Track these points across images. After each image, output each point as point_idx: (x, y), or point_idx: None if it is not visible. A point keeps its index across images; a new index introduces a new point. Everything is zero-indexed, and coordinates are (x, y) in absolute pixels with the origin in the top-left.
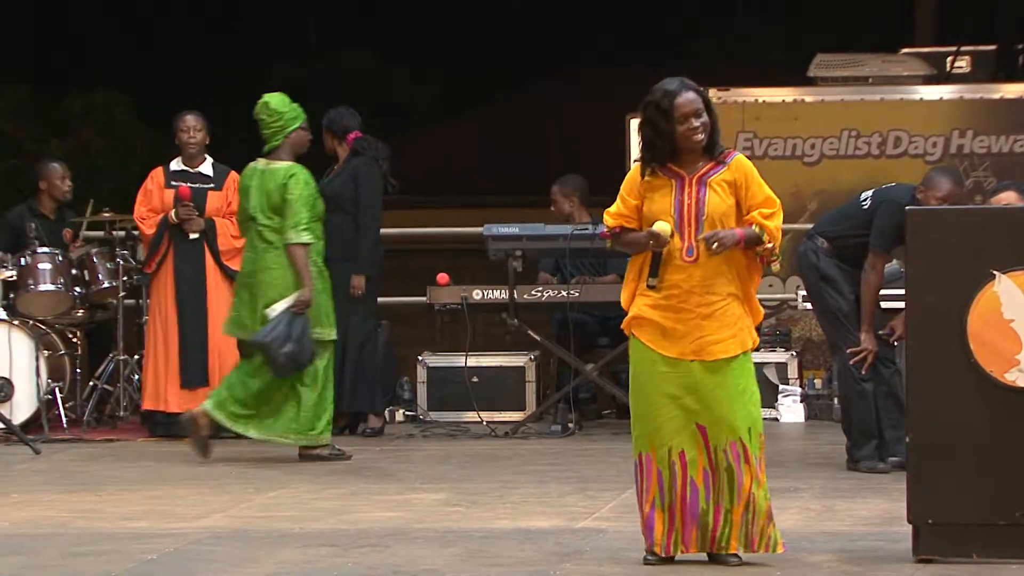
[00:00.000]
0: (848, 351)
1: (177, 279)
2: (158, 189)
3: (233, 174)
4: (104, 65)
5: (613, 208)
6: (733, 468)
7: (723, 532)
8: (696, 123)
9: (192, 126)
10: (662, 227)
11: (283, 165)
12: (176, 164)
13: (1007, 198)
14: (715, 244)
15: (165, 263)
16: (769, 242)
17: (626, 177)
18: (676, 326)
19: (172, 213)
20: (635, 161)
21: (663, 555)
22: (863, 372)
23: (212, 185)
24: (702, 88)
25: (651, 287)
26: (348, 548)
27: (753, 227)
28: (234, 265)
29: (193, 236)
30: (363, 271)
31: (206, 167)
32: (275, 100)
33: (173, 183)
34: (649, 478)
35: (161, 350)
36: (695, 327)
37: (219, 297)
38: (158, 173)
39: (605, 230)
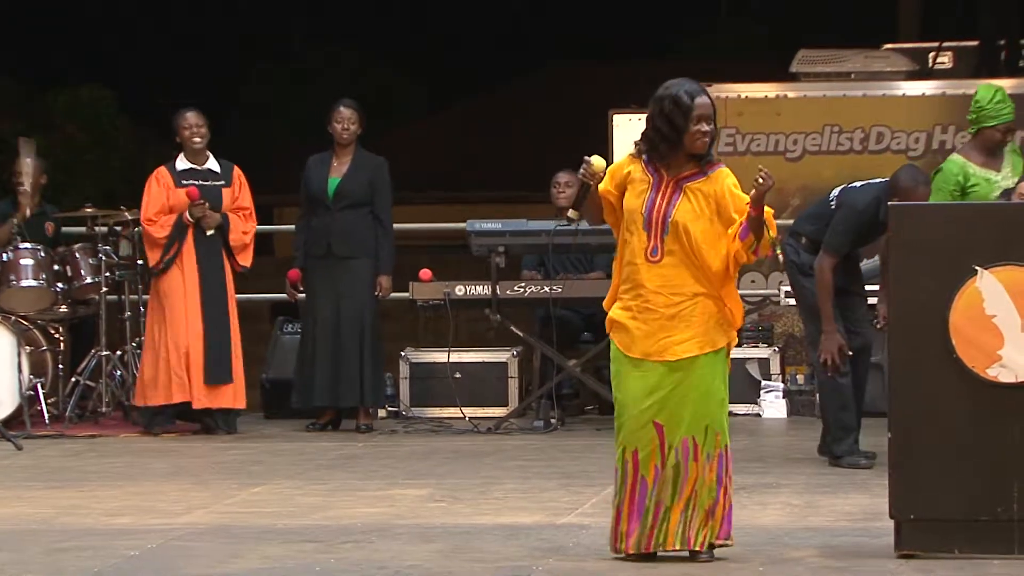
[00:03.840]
0: (818, 355)
1: (202, 276)
2: (167, 190)
3: (237, 168)
4: (88, 60)
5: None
6: (680, 465)
7: (660, 528)
8: (706, 127)
9: (195, 124)
10: (597, 160)
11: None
12: (182, 163)
13: None
14: (761, 179)
15: (182, 261)
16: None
17: (616, 161)
18: (641, 326)
19: (187, 214)
20: (631, 153)
21: (613, 554)
22: (828, 374)
23: (222, 182)
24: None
25: (569, 219)
26: (331, 544)
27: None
28: (244, 260)
29: (210, 232)
30: (389, 272)
31: (212, 163)
32: (981, 92)
33: (184, 183)
34: (615, 478)
35: (177, 347)
36: (659, 327)
37: (232, 293)
38: (163, 173)
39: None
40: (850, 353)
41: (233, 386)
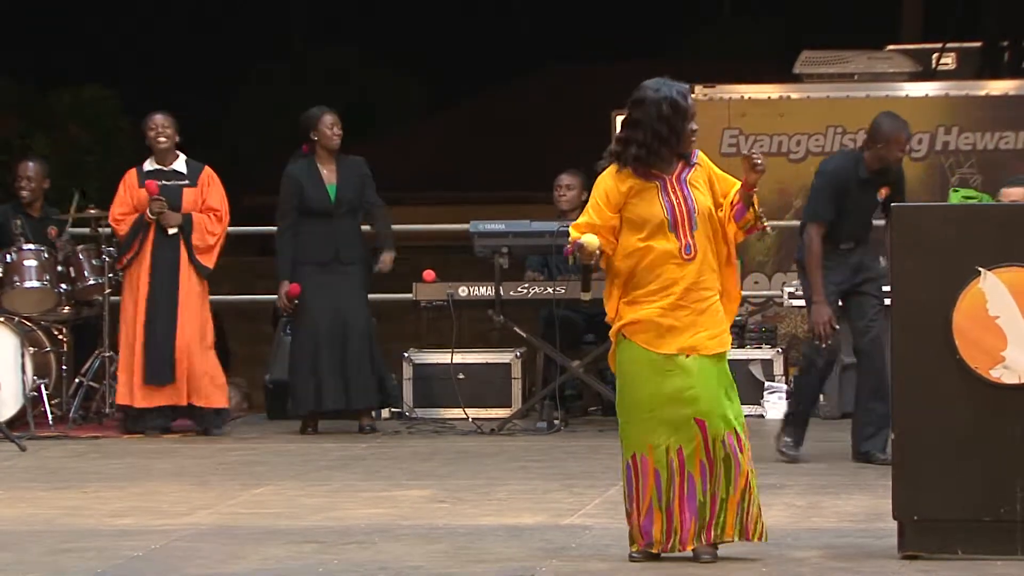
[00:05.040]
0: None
1: (152, 275)
2: (132, 190)
3: (207, 169)
4: (90, 60)
5: (582, 219)
6: (731, 457)
7: (719, 520)
8: (695, 127)
9: (160, 124)
10: (589, 240)
11: None
12: (149, 164)
13: (1015, 194)
14: (759, 160)
15: (140, 260)
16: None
17: (601, 187)
18: (674, 323)
19: (147, 212)
20: (609, 156)
21: (660, 553)
22: (822, 345)
23: (186, 182)
24: None
25: (584, 301)
26: (333, 544)
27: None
28: (206, 261)
29: (172, 231)
30: (392, 249)
31: (179, 164)
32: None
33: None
34: (646, 479)
35: (131, 346)
36: (691, 323)
37: (190, 293)
38: (131, 174)
39: (569, 246)
40: (833, 346)
41: (175, 387)
